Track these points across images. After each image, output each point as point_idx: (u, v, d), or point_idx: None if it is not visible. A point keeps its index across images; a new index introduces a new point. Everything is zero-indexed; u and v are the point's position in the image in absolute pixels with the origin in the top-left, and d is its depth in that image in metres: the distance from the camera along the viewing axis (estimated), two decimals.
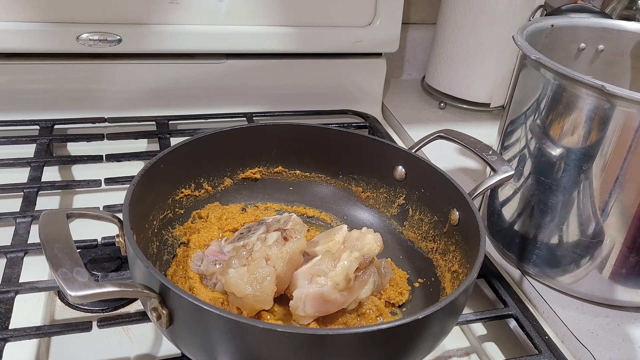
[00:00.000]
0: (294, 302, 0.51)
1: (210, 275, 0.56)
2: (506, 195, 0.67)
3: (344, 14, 0.90)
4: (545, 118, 0.59)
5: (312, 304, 0.51)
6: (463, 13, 0.95)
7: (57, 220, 0.46)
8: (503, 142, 0.67)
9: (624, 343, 0.59)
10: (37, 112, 0.83)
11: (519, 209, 0.65)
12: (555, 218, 0.61)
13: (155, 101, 0.89)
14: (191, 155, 0.63)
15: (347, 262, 0.51)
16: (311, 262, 0.53)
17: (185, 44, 0.84)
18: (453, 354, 0.59)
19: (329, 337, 0.41)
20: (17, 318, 0.53)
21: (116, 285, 0.41)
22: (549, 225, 0.62)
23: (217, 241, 0.60)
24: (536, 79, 0.60)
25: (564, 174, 0.59)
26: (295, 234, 0.55)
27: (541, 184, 0.61)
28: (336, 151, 0.68)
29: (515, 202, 0.65)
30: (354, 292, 0.53)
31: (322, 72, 0.95)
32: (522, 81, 0.63)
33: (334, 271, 0.51)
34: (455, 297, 0.45)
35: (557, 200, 0.60)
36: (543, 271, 0.64)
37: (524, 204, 0.64)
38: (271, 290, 0.50)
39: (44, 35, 0.78)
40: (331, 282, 0.50)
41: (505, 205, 0.67)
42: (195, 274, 0.57)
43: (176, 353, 0.51)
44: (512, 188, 0.65)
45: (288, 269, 0.53)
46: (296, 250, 0.54)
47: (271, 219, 0.59)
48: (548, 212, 0.61)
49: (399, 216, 0.67)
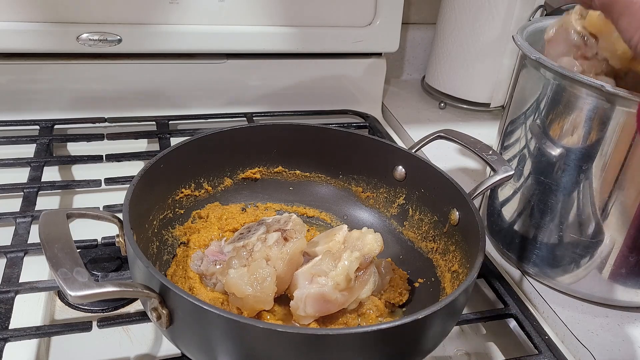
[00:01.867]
0: (294, 302, 0.51)
1: (210, 275, 0.56)
2: (506, 195, 0.67)
3: (344, 14, 0.90)
4: (545, 118, 0.59)
5: (312, 304, 0.51)
6: (463, 13, 0.95)
7: (57, 220, 0.46)
8: (503, 142, 0.67)
9: (624, 343, 0.59)
10: (37, 112, 0.83)
11: (518, 209, 0.65)
12: (555, 218, 0.61)
13: (155, 101, 0.89)
14: (191, 155, 0.63)
15: (348, 262, 0.51)
16: (312, 262, 0.53)
17: (185, 44, 0.84)
18: (453, 354, 0.59)
19: (329, 337, 0.41)
20: (17, 318, 0.53)
21: (116, 285, 0.41)
22: (548, 225, 0.62)
23: (217, 241, 0.60)
24: (536, 79, 0.60)
25: (564, 174, 0.59)
26: (295, 234, 0.55)
27: (541, 184, 0.61)
28: (336, 151, 0.68)
29: (515, 202, 0.65)
30: (355, 292, 0.53)
31: (322, 72, 0.95)
32: (522, 81, 0.63)
33: (334, 271, 0.51)
34: (455, 297, 0.45)
35: (556, 200, 0.60)
36: (543, 271, 0.64)
37: (524, 204, 0.64)
38: (271, 291, 0.50)
39: (44, 35, 0.78)
40: (332, 282, 0.50)
41: (505, 205, 0.67)
42: (195, 274, 0.57)
43: (176, 353, 0.51)
44: (512, 188, 0.65)
45: (288, 269, 0.53)
46: (296, 251, 0.54)
47: (271, 219, 0.59)
48: (548, 212, 0.61)
49: (399, 216, 0.67)
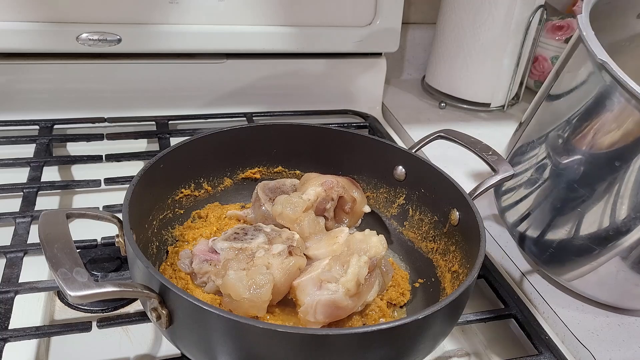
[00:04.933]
0: (304, 308, 0.51)
1: (202, 274, 0.56)
2: (524, 193, 0.64)
3: (344, 14, 0.90)
4: (586, 118, 0.55)
5: (323, 311, 0.50)
6: (463, 13, 0.95)
7: (56, 220, 0.46)
8: (526, 126, 0.63)
9: (624, 343, 0.59)
10: (37, 112, 0.83)
11: (535, 204, 0.62)
12: (576, 216, 0.57)
13: (155, 101, 0.89)
14: (191, 155, 0.63)
15: (357, 267, 0.51)
16: (319, 268, 0.53)
17: (185, 44, 0.84)
18: (453, 354, 0.59)
19: (329, 337, 0.41)
20: (16, 318, 0.53)
21: (116, 285, 0.41)
22: (568, 221, 0.58)
23: (205, 240, 0.59)
24: (590, 75, 0.55)
25: (591, 177, 0.55)
26: (300, 252, 0.55)
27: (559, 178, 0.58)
28: (336, 151, 0.68)
29: (530, 199, 0.63)
30: (363, 296, 0.53)
31: (322, 72, 0.95)
32: (572, 70, 0.58)
33: (344, 277, 0.51)
34: (456, 297, 0.45)
35: (585, 196, 0.56)
36: (557, 266, 0.62)
37: (541, 201, 0.61)
38: (267, 298, 0.50)
39: (44, 35, 0.78)
40: (343, 288, 0.50)
41: (522, 200, 0.65)
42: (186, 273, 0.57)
43: (176, 353, 0.51)
44: (532, 183, 0.62)
45: (286, 280, 0.53)
46: (297, 266, 0.54)
47: (269, 228, 0.59)
48: (568, 211, 0.58)
49: (399, 216, 0.67)
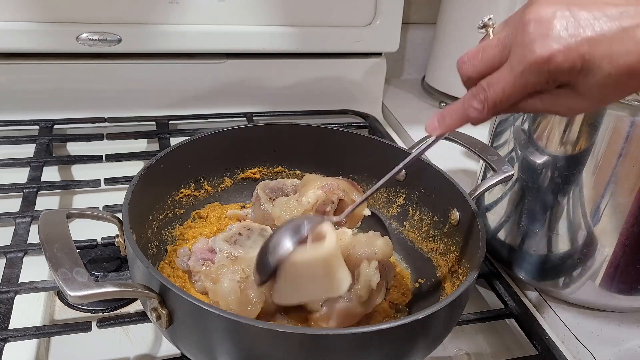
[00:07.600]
0: (320, 316, 0.51)
1: (195, 273, 0.56)
2: (494, 198, 0.65)
3: (344, 14, 0.90)
4: (533, 122, 0.58)
5: (337, 318, 0.51)
6: (463, 13, 0.95)
7: (56, 220, 0.46)
8: (492, 144, 0.66)
9: (624, 343, 0.59)
10: (37, 112, 0.83)
11: (506, 215, 0.63)
12: (544, 226, 0.59)
13: (155, 101, 0.89)
14: (191, 155, 0.63)
15: (369, 274, 0.51)
16: None
17: (185, 44, 0.84)
18: (453, 354, 0.59)
19: (329, 337, 0.41)
20: (16, 318, 0.53)
21: (116, 286, 0.41)
22: (539, 234, 0.60)
23: (205, 238, 0.59)
24: None
25: (552, 180, 0.57)
26: None
27: (530, 189, 0.59)
28: (336, 151, 0.68)
29: (503, 206, 0.64)
30: (374, 299, 0.53)
31: (322, 72, 0.95)
32: None
33: (358, 285, 0.51)
34: (456, 297, 0.44)
35: (546, 207, 0.58)
36: (536, 280, 0.63)
37: (512, 209, 0.62)
38: (254, 315, 0.50)
39: (44, 35, 0.78)
40: (356, 296, 0.51)
41: (493, 208, 0.66)
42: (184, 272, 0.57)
43: (176, 353, 0.51)
44: (501, 191, 0.63)
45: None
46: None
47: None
48: (537, 219, 0.59)
49: (399, 216, 0.67)
